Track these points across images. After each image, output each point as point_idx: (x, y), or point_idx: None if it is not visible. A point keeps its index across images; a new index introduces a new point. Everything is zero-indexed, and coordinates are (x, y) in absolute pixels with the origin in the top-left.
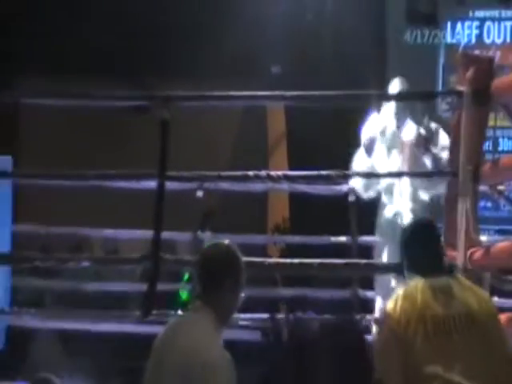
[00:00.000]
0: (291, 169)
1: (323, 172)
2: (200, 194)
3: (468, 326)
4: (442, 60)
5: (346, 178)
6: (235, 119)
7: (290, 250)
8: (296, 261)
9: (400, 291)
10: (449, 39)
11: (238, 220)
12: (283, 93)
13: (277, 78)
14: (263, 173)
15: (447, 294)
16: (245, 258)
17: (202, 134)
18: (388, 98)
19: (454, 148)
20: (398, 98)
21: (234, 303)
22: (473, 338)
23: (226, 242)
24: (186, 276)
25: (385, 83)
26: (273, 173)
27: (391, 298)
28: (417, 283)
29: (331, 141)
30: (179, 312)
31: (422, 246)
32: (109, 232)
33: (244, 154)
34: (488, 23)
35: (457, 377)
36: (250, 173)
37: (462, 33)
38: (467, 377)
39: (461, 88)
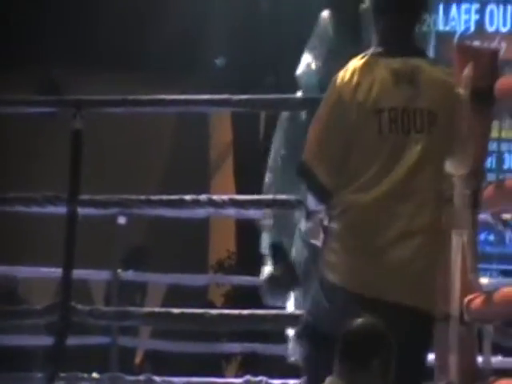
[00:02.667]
0: (239, 189)
1: (279, 196)
2: (122, 221)
3: (429, 125)
4: (431, 52)
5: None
6: (169, 127)
7: (236, 294)
8: (245, 312)
9: (357, 63)
10: (441, 26)
11: (172, 255)
12: (230, 97)
13: (221, 72)
14: (204, 197)
15: (412, 83)
16: (178, 310)
17: (128, 146)
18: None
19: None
20: None
21: None
22: (431, 140)
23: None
24: None
25: None
26: (216, 197)
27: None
28: (379, 63)
29: None
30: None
31: (397, 13)
32: (4, 268)
33: (180, 171)
34: (491, 6)
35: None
36: (187, 197)
37: (457, 18)
38: (407, 185)
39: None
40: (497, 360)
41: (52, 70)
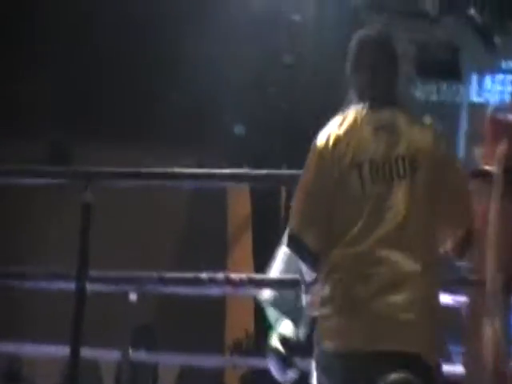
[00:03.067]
0: (258, 266)
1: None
2: (133, 297)
3: (412, 170)
4: (464, 124)
5: None
6: (184, 199)
7: (254, 377)
8: None
9: (335, 121)
10: (474, 97)
11: (186, 335)
12: (248, 171)
13: (240, 140)
14: (221, 275)
15: (391, 132)
16: None
17: (140, 221)
18: None
19: (479, 249)
20: None
21: None
22: (416, 185)
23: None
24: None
25: None
26: (234, 275)
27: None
28: (357, 115)
29: None
30: None
31: (372, 68)
32: (9, 346)
33: (196, 246)
34: None
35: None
36: (203, 275)
37: (491, 89)
38: (397, 234)
39: (489, 166)
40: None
41: (62, 140)
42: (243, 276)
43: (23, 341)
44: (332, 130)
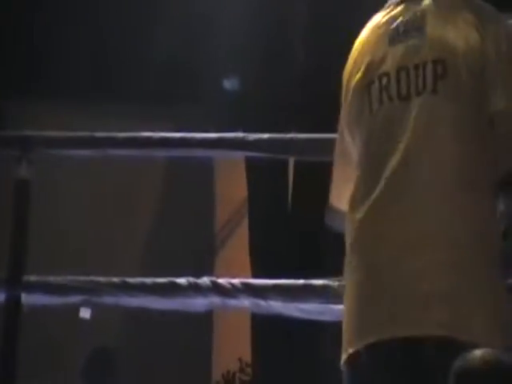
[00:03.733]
0: (256, 269)
1: (314, 281)
2: (86, 314)
3: (434, 80)
4: None
5: None
6: (157, 178)
7: None
8: None
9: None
10: None
11: (159, 368)
12: (244, 135)
13: (231, 98)
14: (206, 280)
15: (415, 32)
16: None
17: (96, 204)
18: None
19: None
20: None
21: None
22: (438, 101)
23: None
24: None
25: None
26: (223, 280)
27: None
28: (380, 17)
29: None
30: None
31: None
32: None
33: (172, 242)
34: None
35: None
36: (182, 280)
37: None
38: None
39: None
40: None
41: None
42: (236, 281)
43: None
44: (356, 43)
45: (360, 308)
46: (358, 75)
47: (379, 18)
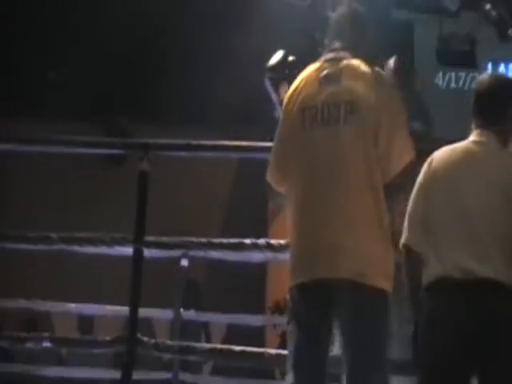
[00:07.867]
0: None
1: None
2: (184, 263)
3: (345, 114)
4: None
5: None
6: (231, 174)
7: None
8: None
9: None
10: None
11: (230, 296)
12: None
13: None
14: (262, 241)
15: (335, 82)
16: (240, 348)
17: (191, 192)
18: None
19: None
20: None
21: None
22: (351, 127)
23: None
24: None
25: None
26: (274, 241)
27: None
28: (315, 66)
29: None
30: None
31: (335, 27)
32: (71, 307)
33: (240, 217)
34: None
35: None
36: (247, 240)
37: None
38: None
39: None
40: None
41: (121, 120)
42: (282, 242)
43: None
44: (298, 79)
45: (295, 260)
46: (297, 104)
47: (315, 66)
